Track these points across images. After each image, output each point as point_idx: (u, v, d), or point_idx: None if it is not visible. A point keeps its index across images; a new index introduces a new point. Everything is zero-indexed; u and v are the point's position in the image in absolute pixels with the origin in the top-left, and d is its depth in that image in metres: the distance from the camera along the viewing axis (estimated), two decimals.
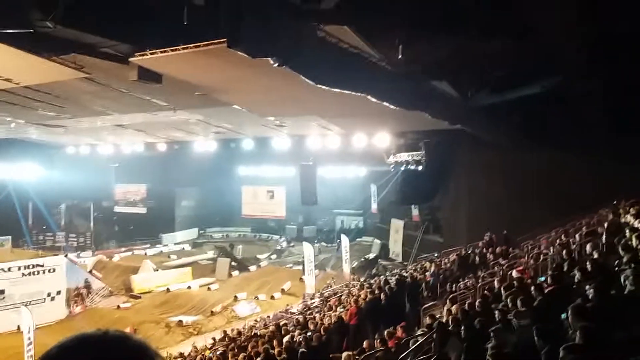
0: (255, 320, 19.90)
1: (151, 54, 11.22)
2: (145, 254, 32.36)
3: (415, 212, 27.31)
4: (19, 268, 19.55)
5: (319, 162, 26.97)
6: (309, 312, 17.19)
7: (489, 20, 10.10)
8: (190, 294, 24.72)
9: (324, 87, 11.05)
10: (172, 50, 10.72)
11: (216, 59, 10.34)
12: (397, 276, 16.23)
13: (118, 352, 1.04)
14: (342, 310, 14.06)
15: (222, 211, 38.60)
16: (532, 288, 7.49)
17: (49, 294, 20.08)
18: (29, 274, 19.69)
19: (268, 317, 19.72)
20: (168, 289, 25.09)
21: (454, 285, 13.37)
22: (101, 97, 16.82)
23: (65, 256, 23.26)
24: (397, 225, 29.24)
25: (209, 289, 25.94)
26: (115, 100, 17.34)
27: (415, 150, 22.58)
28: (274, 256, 33.99)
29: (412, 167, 22.79)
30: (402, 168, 23.70)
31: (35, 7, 8.26)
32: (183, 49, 10.46)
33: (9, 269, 19.33)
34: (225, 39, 8.64)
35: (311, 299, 21.27)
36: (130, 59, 11.77)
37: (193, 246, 36.39)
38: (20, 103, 17.92)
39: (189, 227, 38.49)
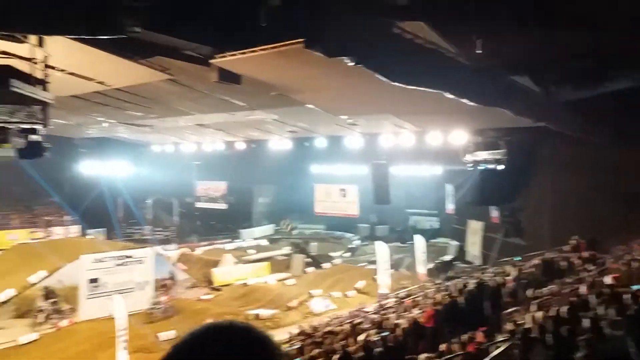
0: (330, 317, 20.06)
1: (231, 55, 11.64)
2: (225, 248, 33.72)
3: (494, 213, 26.23)
4: (112, 258, 21.14)
5: (392, 160, 26.65)
6: (383, 312, 17.07)
7: (575, 9, 9.48)
8: (267, 288, 25.38)
9: (399, 84, 10.92)
10: (250, 52, 11.06)
11: (292, 59, 10.53)
12: (476, 279, 15.69)
13: (243, 342, 1.11)
14: (418, 312, 13.84)
15: (296, 208, 39.29)
16: (626, 296, 6.95)
17: (138, 284, 21.46)
18: (121, 264, 21.21)
19: (343, 314, 19.82)
20: (246, 283, 25.95)
21: (537, 291, 12.71)
22: (184, 98, 17.71)
23: (153, 248, 24.69)
24: (475, 227, 28.24)
25: (285, 284, 26.53)
26: (197, 101, 18.19)
27: (495, 148, 21.66)
28: (347, 254, 34.07)
29: (492, 166, 21.88)
30: (481, 167, 22.83)
31: (124, 13, 8.82)
32: (261, 50, 10.74)
33: (103, 259, 20.92)
34: (302, 40, 8.79)
35: (386, 299, 21.11)
36: (211, 61, 12.29)
37: (269, 242, 37.39)
38: (111, 104, 19.30)
39: (265, 223, 39.64)
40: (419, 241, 24.91)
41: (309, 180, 38.16)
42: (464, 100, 12.85)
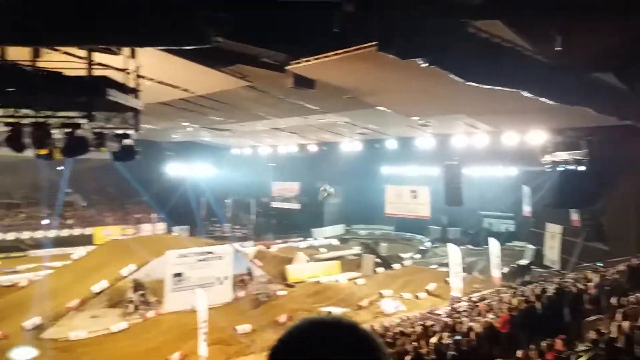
0: (401, 318, 20.03)
1: (305, 61, 12.07)
2: (298, 246, 34.54)
3: (575, 216, 24.89)
4: (194, 254, 22.41)
5: (464, 161, 26.07)
6: (456, 315, 16.81)
7: None
8: (339, 287, 25.73)
9: (474, 84, 10.81)
10: (324, 57, 11.42)
11: (365, 62, 10.75)
12: (555, 285, 15.06)
13: (349, 339, 1.11)
14: (492, 316, 13.54)
15: (366, 209, 39.40)
16: None
17: (218, 278, 22.57)
18: (202, 260, 22.43)
19: (414, 316, 19.71)
20: (318, 281, 26.47)
21: (621, 299, 12.03)
22: (261, 103, 18.47)
23: (232, 245, 25.84)
24: (553, 231, 26.95)
25: (355, 283, 26.75)
26: (273, 106, 18.90)
27: (576, 148, 20.58)
28: (417, 256, 33.69)
29: (572, 167, 20.81)
30: (560, 168, 21.77)
31: (209, 24, 9.42)
32: (334, 55, 11.07)
33: (187, 255, 22.22)
34: (375, 43, 8.99)
35: (458, 302, 20.73)
36: (287, 68, 12.80)
37: (340, 241, 37.76)
38: (195, 110, 20.51)
39: (336, 223, 40.08)
40: (494, 244, 24.17)
41: (379, 182, 38.17)
42: (543, 99, 12.44)
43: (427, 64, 9.59)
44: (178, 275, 21.66)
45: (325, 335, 1.10)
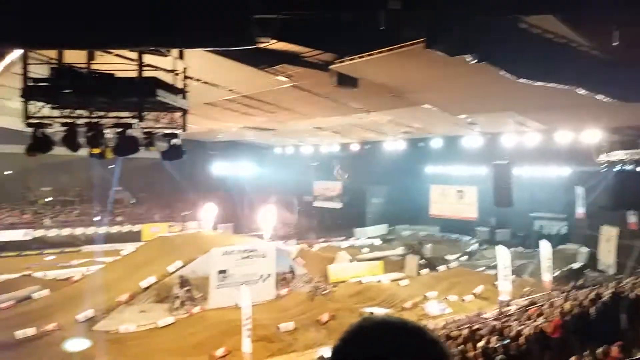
0: (446, 321, 19.64)
1: (349, 60, 11.99)
2: (340, 246, 34.52)
3: (632, 218, 23.71)
4: (239, 252, 22.79)
5: (514, 161, 25.20)
6: (505, 319, 16.34)
7: None
8: (381, 288, 25.53)
9: (525, 81, 10.42)
10: (369, 55, 11.30)
11: (412, 60, 10.56)
12: (611, 290, 14.36)
13: (416, 343, 1.06)
14: (543, 321, 13.06)
15: (410, 209, 38.92)
16: None
17: (261, 276, 22.85)
18: (246, 257, 22.78)
19: (460, 319, 19.29)
20: (360, 281, 26.34)
21: None
22: (304, 103, 18.50)
23: (275, 243, 26.16)
24: (609, 233, 25.74)
25: (398, 284, 26.46)
26: (316, 105, 18.90)
27: (634, 147, 19.53)
28: (463, 258, 32.98)
29: (630, 167, 19.76)
30: (617, 168, 20.71)
31: (256, 25, 9.47)
32: (379, 53, 10.92)
33: (231, 252, 22.63)
34: (422, 39, 8.79)
35: (507, 305, 20.14)
36: (331, 66, 12.75)
37: (383, 242, 37.50)
38: (239, 110, 20.78)
39: (378, 223, 39.82)
40: (545, 247, 23.32)
41: (423, 181, 37.62)
42: (599, 97, 11.85)
43: (476, 61, 9.30)
44: (223, 272, 22.08)
45: (391, 337, 1.06)
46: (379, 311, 22.16)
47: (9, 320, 19.24)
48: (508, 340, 11.39)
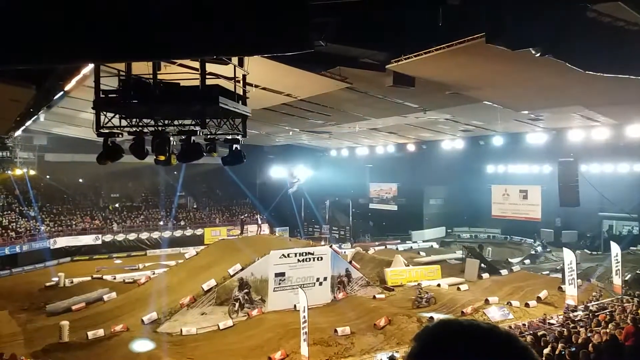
0: (509, 327, 18.90)
1: (406, 59, 11.83)
2: (397, 249, 34.11)
3: None
4: (295, 255, 22.96)
5: (581, 158, 24.03)
6: (572, 325, 15.55)
7: None
8: (440, 292, 24.93)
9: (593, 73, 9.88)
10: (426, 53, 11.10)
11: (472, 55, 10.29)
12: None
13: (506, 350, 0.98)
14: (613, 327, 12.32)
15: (469, 211, 37.93)
16: None
17: (317, 279, 22.93)
18: (303, 260, 22.92)
19: (523, 325, 18.52)
20: (419, 285, 25.87)
21: None
22: (360, 104, 18.47)
23: (330, 247, 26.17)
24: None
25: (458, 288, 25.75)
26: (372, 106, 18.81)
27: None
28: (527, 261, 31.69)
29: None
30: None
31: (313, 29, 9.51)
32: (437, 50, 10.71)
33: (288, 255, 22.85)
34: (482, 35, 8.54)
35: (573, 311, 19.15)
36: (387, 66, 12.64)
37: (441, 245, 36.73)
38: (296, 114, 21.04)
39: (436, 225, 39.05)
40: (616, 249, 21.98)
41: (484, 181, 36.51)
42: None
43: (540, 54, 8.92)
44: (280, 275, 22.32)
45: (478, 343, 0.96)
46: (438, 316, 21.63)
47: (82, 320, 20.33)
48: (575, 348, 10.81)
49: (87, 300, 22.79)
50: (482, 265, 29.13)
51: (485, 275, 28.06)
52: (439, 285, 26.01)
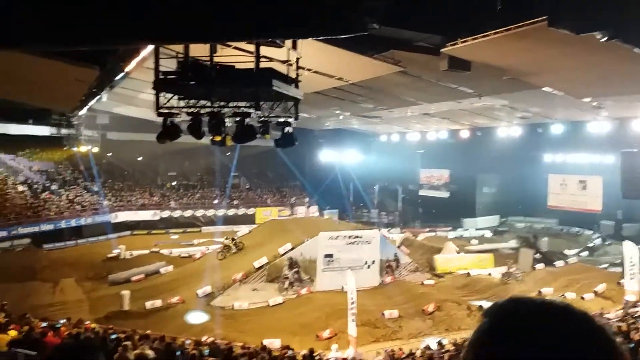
0: None
1: (462, 42, 11.55)
2: (447, 236, 33.67)
3: None
4: (344, 237, 23.21)
5: None
6: (631, 321, 14.93)
7: None
8: (491, 281, 24.52)
9: None
10: (483, 37, 10.80)
11: (533, 40, 9.93)
12: None
13: (582, 329, 0.90)
14: None
15: (525, 200, 36.72)
16: None
17: (365, 262, 23.08)
18: (351, 243, 23.13)
19: None
20: (469, 273, 25.53)
21: None
22: (412, 89, 18.23)
23: (379, 231, 26.24)
24: None
25: (510, 278, 25.22)
26: (425, 91, 18.53)
27: None
28: (584, 253, 30.51)
29: None
30: None
31: (365, 11, 9.47)
32: (495, 33, 10.40)
33: (337, 237, 23.12)
34: (545, 18, 8.23)
35: (633, 306, 18.34)
36: (442, 50, 12.39)
37: (494, 233, 35.95)
38: (347, 98, 21.04)
39: (489, 213, 38.15)
40: None
41: (541, 170, 35.18)
42: None
43: (606, 38, 8.49)
44: (329, 256, 22.64)
45: (554, 322, 0.89)
46: (488, 305, 21.28)
47: (140, 291, 21.52)
48: (633, 345, 10.41)
49: (146, 272, 24.05)
50: (537, 255, 28.35)
51: (540, 266, 27.29)
52: (489, 274, 25.56)
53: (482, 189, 39.18)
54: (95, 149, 35.33)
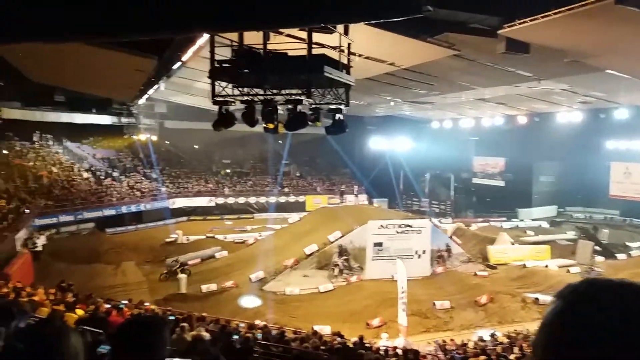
0: None
1: (520, 23, 11.12)
2: (502, 226, 32.75)
3: None
4: (394, 226, 23.04)
5: None
6: None
7: None
8: (548, 273, 23.66)
9: None
10: (544, 17, 10.34)
11: (596, 19, 9.42)
12: None
13: None
14: None
15: (585, 189, 35.00)
16: None
17: (416, 252, 22.84)
18: (401, 232, 22.94)
19: None
20: (524, 265, 24.77)
21: None
22: (467, 73, 17.71)
23: (430, 220, 25.84)
24: None
25: (568, 271, 24.26)
26: (480, 75, 17.96)
27: None
28: None
29: None
30: None
31: None
32: (555, 13, 9.95)
33: (387, 226, 22.98)
34: None
35: None
36: (499, 32, 11.96)
37: (551, 224, 34.60)
38: (398, 84, 20.71)
39: (547, 203, 36.66)
40: None
41: (602, 158, 33.44)
42: None
43: None
44: (378, 244, 22.58)
45: (629, 301, 0.84)
46: (545, 298, 20.61)
47: (196, 275, 22.32)
48: None
49: (202, 256, 24.88)
50: (596, 247, 27.10)
51: (600, 259, 26.10)
52: (546, 266, 24.69)
53: (539, 177, 37.55)
54: (154, 137, 36.74)
